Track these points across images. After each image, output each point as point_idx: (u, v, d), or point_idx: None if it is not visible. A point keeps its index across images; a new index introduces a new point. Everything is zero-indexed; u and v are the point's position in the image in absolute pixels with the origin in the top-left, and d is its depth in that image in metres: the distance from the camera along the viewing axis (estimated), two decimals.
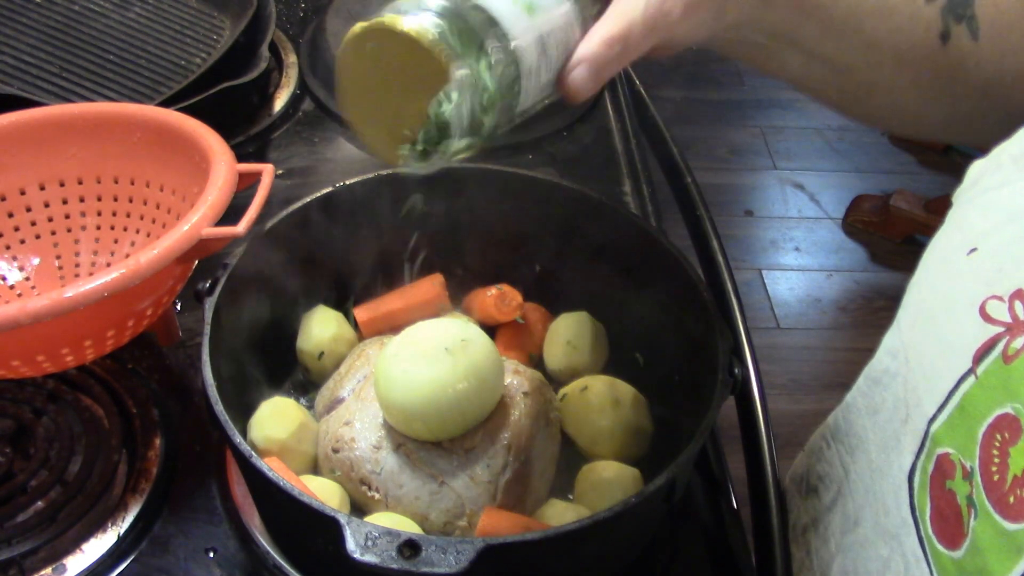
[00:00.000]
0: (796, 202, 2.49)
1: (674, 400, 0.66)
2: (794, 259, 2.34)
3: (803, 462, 0.66)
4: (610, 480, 0.61)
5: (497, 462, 0.59)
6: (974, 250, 0.47)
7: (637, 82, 1.07)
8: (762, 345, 0.71)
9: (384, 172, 0.70)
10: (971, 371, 0.46)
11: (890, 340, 0.54)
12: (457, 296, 0.75)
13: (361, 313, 0.72)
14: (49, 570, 0.59)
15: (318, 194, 0.68)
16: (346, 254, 0.71)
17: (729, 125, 2.71)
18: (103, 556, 0.61)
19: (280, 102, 1.00)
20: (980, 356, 0.45)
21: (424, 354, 0.59)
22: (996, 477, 0.43)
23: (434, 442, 0.60)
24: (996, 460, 0.43)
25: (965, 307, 0.47)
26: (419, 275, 0.74)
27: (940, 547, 0.47)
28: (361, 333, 0.72)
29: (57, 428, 0.67)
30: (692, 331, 0.64)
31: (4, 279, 0.74)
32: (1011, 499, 0.42)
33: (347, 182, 0.69)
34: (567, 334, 0.71)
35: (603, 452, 0.64)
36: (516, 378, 0.64)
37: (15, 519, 0.61)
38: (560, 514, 0.59)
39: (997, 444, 0.44)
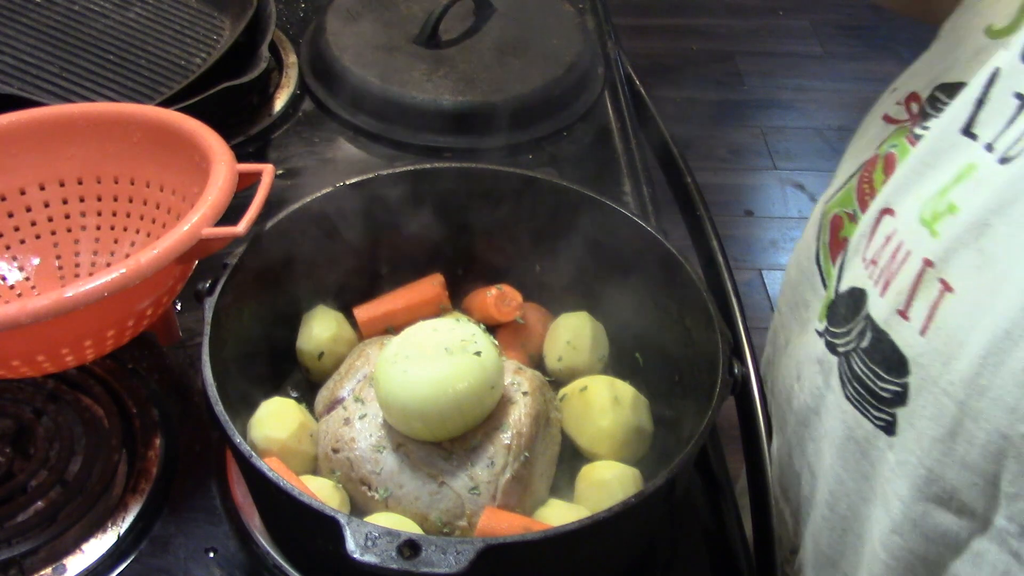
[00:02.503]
0: (796, 202, 2.49)
1: (674, 400, 0.66)
2: None
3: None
4: (610, 480, 0.61)
5: (497, 462, 0.59)
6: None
7: (637, 82, 1.07)
8: (762, 345, 0.71)
9: (384, 172, 0.70)
10: (873, 158, 0.59)
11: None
12: (457, 296, 0.75)
13: (361, 313, 0.72)
14: (49, 570, 0.59)
15: (318, 194, 0.68)
16: (346, 254, 0.71)
17: (729, 125, 2.70)
18: (103, 556, 0.61)
19: (280, 102, 1.00)
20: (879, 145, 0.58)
21: (424, 354, 0.59)
22: (868, 199, 0.57)
23: (434, 442, 0.60)
24: (867, 191, 0.58)
25: (875, 119, 0.61)
26: (419, 275, 0.74)
27: (832, 269, 0.59)
28: (361, 333, 0.72)
29: (57, 428, 0.67)
30: (692, 331, 0.64)
31: (4, 279, 0.74)
32: (868, 200, 0.56)
33: (347, 182, 0.69)
34: (567, 334, 0.71)
35: (603, 452, 0.64)
36: (516, 378, 0.64)
37: (15, 519, 0.61)
38: (560, 514, 0.59)
39: (865, 181, 0.58)
